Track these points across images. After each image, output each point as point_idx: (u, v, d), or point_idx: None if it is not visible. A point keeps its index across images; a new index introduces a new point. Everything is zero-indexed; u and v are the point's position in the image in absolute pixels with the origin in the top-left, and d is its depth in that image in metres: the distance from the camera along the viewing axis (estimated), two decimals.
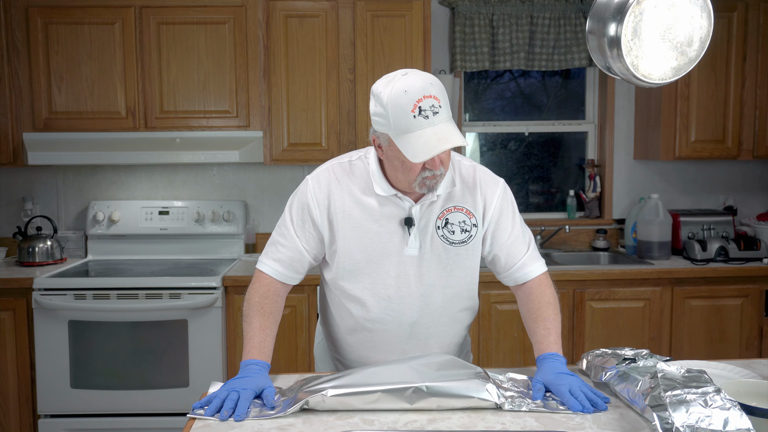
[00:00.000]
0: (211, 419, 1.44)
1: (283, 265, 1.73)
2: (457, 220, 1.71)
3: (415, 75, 1.55)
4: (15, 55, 3.30)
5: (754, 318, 3.31)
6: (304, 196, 1.73)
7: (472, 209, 1.72)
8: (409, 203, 1.68)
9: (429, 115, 1.52)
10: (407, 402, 1.44)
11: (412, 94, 1.51)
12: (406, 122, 1.52)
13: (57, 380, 3.05)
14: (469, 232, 1.71)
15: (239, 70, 3.34)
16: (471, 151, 4.00)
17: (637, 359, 1.58)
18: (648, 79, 1.47)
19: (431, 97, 1.52)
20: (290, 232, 1.73)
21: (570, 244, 3.90)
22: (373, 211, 1.69)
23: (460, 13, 3.66)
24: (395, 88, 1.53)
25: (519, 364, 3.23)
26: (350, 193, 1.70)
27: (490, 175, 1.77)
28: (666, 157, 3.56)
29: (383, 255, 1.69)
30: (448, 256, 1.71)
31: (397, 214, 1.69)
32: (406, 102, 1.51)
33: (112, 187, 3.73)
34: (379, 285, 1.71)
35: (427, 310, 1.73)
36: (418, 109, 1.51)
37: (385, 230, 1.69)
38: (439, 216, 1.70)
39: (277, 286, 1.74)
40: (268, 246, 1.77)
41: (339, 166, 1.74)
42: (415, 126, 1.52)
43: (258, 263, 1.77)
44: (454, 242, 1.71)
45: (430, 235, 1.69)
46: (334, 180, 1.71)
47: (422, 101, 1.51)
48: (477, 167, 1.77)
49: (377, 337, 1.74)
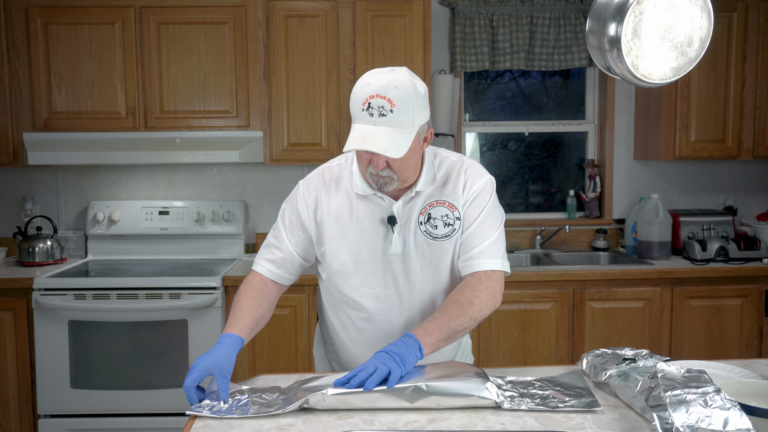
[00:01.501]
0: (211, 420, 1.44)
1: (276, 265, 1.77)
2: (439, 215, 1.71)
3: (391, 74, 1.57)
4: (15, 55, 3.30)
5: (754, 318, 3.31)
6: (295, 201, 1.78)
7: (454, 202, 1.72)
8: (389, 201, 1.70)
9: (374, 114, 1.55)
10: (407, 401, 1.44)
11: (370, 89, 1.56)
12: (355, 111, 1.58)
13: (57, 380, 3.05)
14: (452, 226, 1.71)
15: (239, 70, 3.34)
16: (471, 151, 4.00)
17: (637, 359, 1.58)
18: (648, 79, 1.47)
19: (385, 98, 1.54)
20: (282, 234, 1.78)
21: (570, 244, 3.90)
22: (357, 212, 1.72)
23: (460, 13, 3.66)
24: (364, 78, 1.59)
25: (519, 363, 3.24)
26: (336, 195, 1.74)
27: (476, 168, 1.76)
28: (666, 157, 3.56)
29: (369, 255, 1.71)
30: (432, 251, 1.72)
31: (379, 213, 1.71)
32: (363, 94, 1.56)
33: (112, 187, 3.73)
34: (368, 284, 1.73)
35: (417, 307, 1.74)
36: (368, 105, 1.55)
37: (369, 230, 1.71)
38: (421, 211, 1.71)
39: (269, 282, 1.78)
40: (263, 248, 1.82)
41: (328, 170, 1.79)
42: (359, 118, 1.57)
43: (253, 264, 1.81)
44: (437, 237, 1.71)
45: (413, 231, 1.71)
46: (322, 184, 1.76)
47: (374, 99, 1.55)
48: (465, 160, 1.77)
49: (370, 336, 1.77)
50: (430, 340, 1.57)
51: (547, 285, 3.23)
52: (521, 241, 3.86)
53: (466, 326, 1.62)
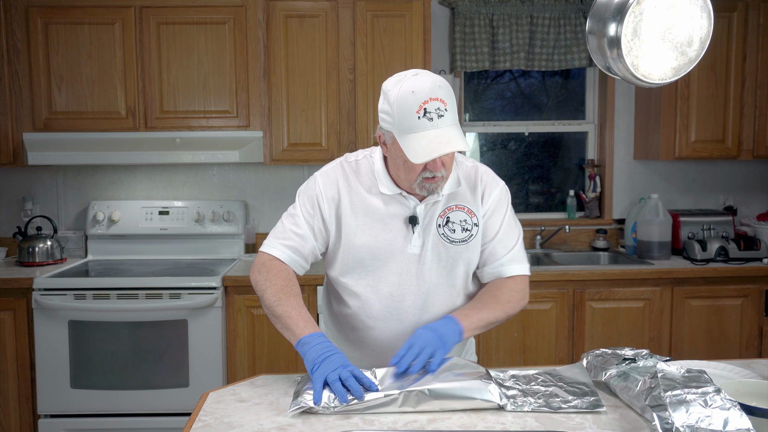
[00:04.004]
0: (211, 420, 1.44)
1: (295, 252, 1.72)
2: (458, 219, 1.72)
3: (424, 76, 1.56)
4: (15, 55, 3.30)
5: (754, 318, 3.31)
6: (312, 191, 1.74)
7: (473, 208, 1.74)
8: (414, 202, 1.70)
9: (434, 118, 1.53)
10: (410, 406, 1.44)
11: (419, 95, 1.53)
12: (411, 122, 1.53)
13: (57, 380, 3.05)
14: (470, 231, 1.72)
15: (239, 70, 3.34)
16: (471, 151, 4.00)
17: (637, 359, 1.58)
18: (648, 79, 1.47)
19: (438, 99, 1.53)
20: (301, 220, 1.73)
21: (570, 244, 3.90)
22: (378, 210, 1.71)
23: (460, 13, 3.66)
24: (403, 88, 1.54)
25: (519, 363, 3.23)
26: (357, 191, 1.72)
27: (491, 175, 1.79)
28: (666, 157, 3.56)
29: (387, 253, 1.71)
30: (449, 254, 1.72)
31: (401, 213, 1.71)
32: (413, 102, 1.53)
33: (112, 187, 3.73)
34: (382, 282, 1.72)
35: (429, 308, 1.74)
36: (423, 111, 1.52)
37: (389, 228, 1.70)
38: (440, 214, 1.72)
39: (292, 272, 1.72)
40: (278, 233, 1.74)
41: (347, 164, 1.76)
42: (419, 127, 1.53)
43: (267, 247, 1.73)
44: (455, 241, 1.72)
45: (432, 233, 1.71)
46: (342, 177, 1.74)
47: (428, 103, 1.52)
48: (479, 166, 1.80)
49: (379, 335, 1.76)
50: (471, 326, 1.60)
51: (547, 285, 3.23)
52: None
53: (499, 320, 1.68)
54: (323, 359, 1.49)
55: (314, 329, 1.58)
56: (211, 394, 1.58)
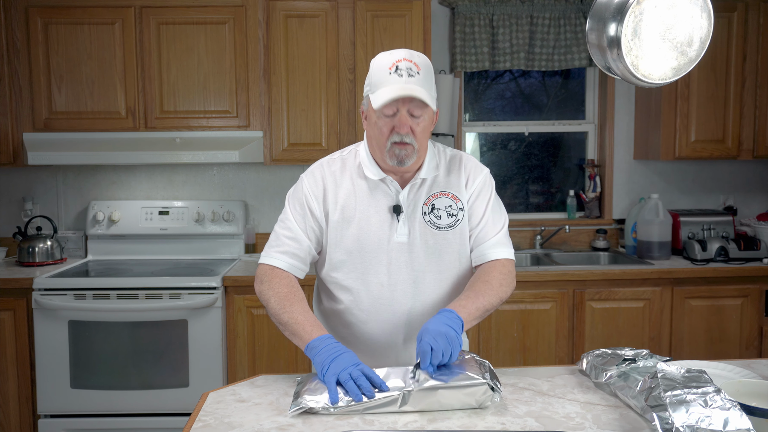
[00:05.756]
0: (211, 420, 1.44)
1: (292, 257, 1.74)
2: (443, 205, 1.75)
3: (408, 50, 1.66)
4: (15, 55, 3.30)
5: (754, 318, 3.31)
6: (300, 192, 1.78)
7: (457, 194, 1.77)
8: (395, 189, 1.73)
9: (404, 75, 1.61)
10: (410, 406, 1.44)
11: (395, 55, 1.63)
12: (381, 77, 1.62)
13: (57, 380, 3.05)
14: (456, 216, 1.76)
15: (239, 70, 3.34)
16: (471, 151, 4.00)
17: (637, 359, 1.58)
18: (648, 79, 1.47)
19: (412, 62, 1.62)
20: (293, 224, 1.76)
21: (570, 244, 3.90)
22: (362, 201, 1.74)
23: (460, 13, 3.66)
24: (383, 53, 1.66)
25: (519, 363, 3.23)
26: (343, 185, 1.76)
27: (474, 162, 1.83)
28: (666, 157, 3.56)
29: (374, 244, 1.73)
30: (436, 241, 1.75)
31: (385, 202, 1.74)
32: (387, 61, 1.63)
33: (112, 187, 3.73)
34: (371, 274, 1.74)
35: (421, 297, 1.75)
36: (396, 68, 1.61)
37: (375, 219, 1.73)
38: (425, 202, 1.75)
39: (293, 278, 1.74)
40: (272, 242, 1.77)
41: (331, 161, 1.82)
42: (389, 81, 1.61)
43: (265, 258, 1.75)
44: (441, 227, 1.75)
45: (417, 221, 1.74)
46: (328, 174, 1.78)
47: (401, 62, 1.61)
48: (462, 154, 1.84)
49: (373, 328, 1.77)
50: (469, 318, 1.61)
51: (547, 285, 3.23)
52: (521, 241, 3.86)
53: (494, 305, 1.69)
54: (333, 359, 1.50)
55: (321, 332, 1.59)
56: (211, 394, 1.58)
